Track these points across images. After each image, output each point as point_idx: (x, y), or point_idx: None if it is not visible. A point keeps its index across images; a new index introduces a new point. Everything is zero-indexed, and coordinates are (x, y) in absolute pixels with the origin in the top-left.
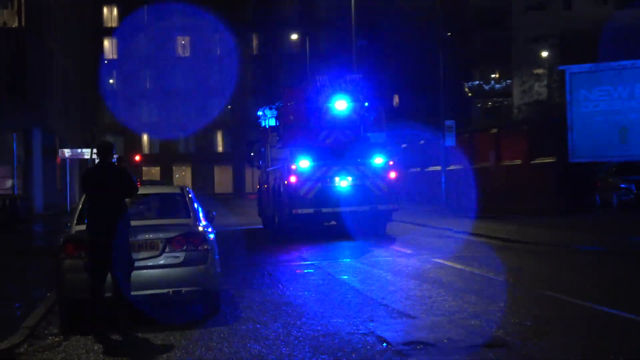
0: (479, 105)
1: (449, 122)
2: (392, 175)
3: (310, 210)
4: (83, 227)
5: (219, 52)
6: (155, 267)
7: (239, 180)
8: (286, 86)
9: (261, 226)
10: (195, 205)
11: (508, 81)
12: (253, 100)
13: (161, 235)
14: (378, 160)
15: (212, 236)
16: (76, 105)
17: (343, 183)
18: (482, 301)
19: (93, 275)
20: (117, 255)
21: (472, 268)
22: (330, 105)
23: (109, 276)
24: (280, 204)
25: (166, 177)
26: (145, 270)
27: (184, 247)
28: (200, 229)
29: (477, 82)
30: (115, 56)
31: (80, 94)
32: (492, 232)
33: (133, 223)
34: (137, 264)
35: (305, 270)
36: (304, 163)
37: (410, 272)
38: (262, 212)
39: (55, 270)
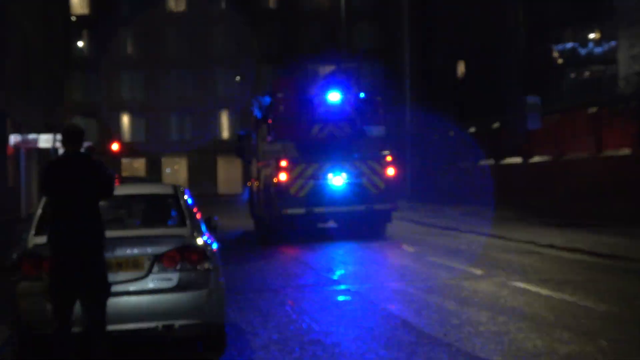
0: (573, 75)
1: (532, 99)
2: (391, 172)
3: (302, 211)
4: (44, 239)
5: (223, 6)
6: (139, 293)
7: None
8: (281, 74)
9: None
10: (193, 209)
11: (612, 43)
12: (268, 71)
13: (148, 250)
14: (375, 155)
15: (214, 250)
16: (39, 79)
17: (337, 181)
18: (577, 338)
19: (57, 303)
20: (88, 277)
21: (563, 294)
22: (323, 96)
23: (77, 305)
24: (270, 203)
25: (154, 173)
26: (126, 297)
27: (178, 266)
28: (200, 241)
29: (569, 44)
30: (86, 11)
31: (45, 64)
32: (590, 245)
33: (110, 234)
34: (115, 288)
35: (339, 298)
36: (294, 159)
37: (480, 299)
38: (253, 211)
39: (8, 297)
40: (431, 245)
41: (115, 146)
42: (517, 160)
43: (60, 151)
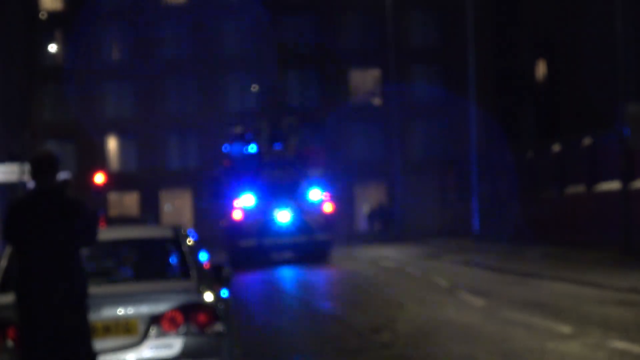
0: None
1: (636, 109)
2: (328, 208)
3: (253, 242)
4: (10, 298)
5: None
6: None
7: None
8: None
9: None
10: (199, 257)
11: None
12: (294, 77)
13: (142, 309)
14: (314, 194)
15: (226, 309)
16: None
17: (283, 217)
18: None
19: None
20: (68, 348)
21: None
22: (270, 148)
23: None
24: (229, 237)
25: (150, 211)
26: None
27: (182, 330)
28: (209, 297)
29: None
30: (59, 5)
31: (5, 75)
32: None
33: (94, 290)
34: (102, 359)
35: None
36: (247, 199)
37: None
38: (223, 245)
39: None
40: (505, 296)
41: (99, 178)
42: (616, 185)
43: (29, 185)
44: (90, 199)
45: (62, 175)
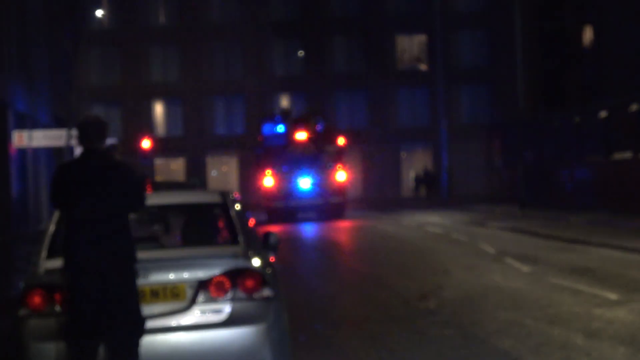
0: None
1: None
2: (341, 177)
3: (282, 204)
4: (58, 263)
5: None
6: (180, 330)
7: None
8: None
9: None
10: (247, 222)
11: None
12: (341, 42)
13: (190, 275)
14: (330, 166)
15: (274, 274)
16: (43, 59)
17: (304, 184)
18: None
19: (76, 345)
20: (116, 312)
21: None
22: (293, 131)
23: (102, 349)
24: (265, 199)
25: (196, 176)
26: (163, 336)
27: (230, 295)
28: (257, 262)
29: None
30: None
31: (51, 39)
32: None
33: (142, 255)
34: (149, 324)
35: (437, 331)
36: (277, 169)
37: (615, 331)
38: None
39: (12, 338)
40: (551, 263)
41: (146, 143)
42: None
43: (77, 151)
44: (137, 164)
45: (110, 141)
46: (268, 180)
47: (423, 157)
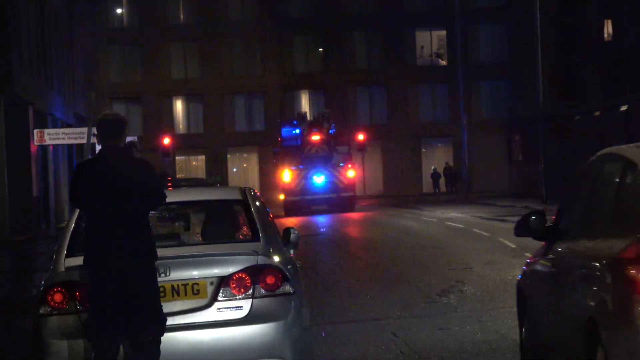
0: None
1: None
2: (351, 174)
3: (298, 198)
4: (79, 261)
5: None
6: (201, 327)
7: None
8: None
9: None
10: (268, 218)
11: None
12: (360, 37)
13: (211, 271)
14: (341, 164)
15: (295, 270)
16: (63, 56)
17: (318, 180)
18: None
19: (98, 342)
20: (138, 309)
21: None
22: (308, 133)
23: (122, 347)
24: (284, 193)
25: (217, 173)
26: (184, 333)
27: (251, 291)
28: (278, 258)
29: None
30: None
31: (73, 39)
32: None
33: (162, 252)
34: (170, 321)
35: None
36: (295, 167)
37: None
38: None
39: (33, 336)
40: None
41: (166, 140)
42: None
43: (98, 148)
44: (158, 162)
45: (128, 139)
46: (286, 176)
47: (443, 153)
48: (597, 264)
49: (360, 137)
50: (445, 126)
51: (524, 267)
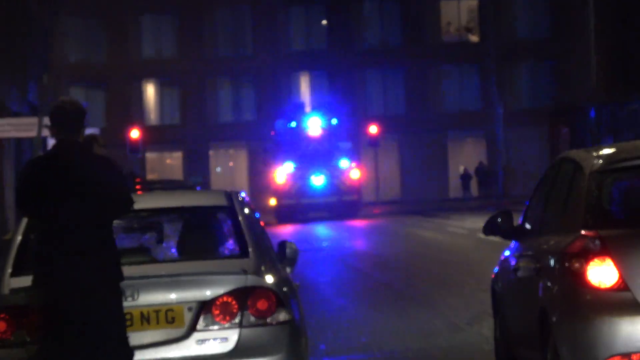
0: None
1: None
2: (355, 175)
3: (293, 202)
4: (27, 281)
5: None
6: None
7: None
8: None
9: None
10: (259, 229)
11: None
12: (373, 8)
13: (190, 294)
14: (344, 163)
15: (292, 293)
16: (16, 33)
17: (317, 181)
18: None
19: None
20: (98, 340)
21: None
22: (307, 123)
23: None
24: (275, 197)
25: (197, 173)
26: None
27: (238, 319)
28: (271, 278)
29: None
30: None
31: (26, 12)
32: None
33: (129, 271)
34: (138, 356)
35: None
36: (289, 166)
37: None
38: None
39: None
40: None
41: (134, 133)
42: None
43: (51, 143)
44: (124, 159)
45: (88, 131)
46: (279, 177)
47: (473, 149)
48: (548, 259)
49: (372, 129)
50: (476, 116)
51: (496, 268)
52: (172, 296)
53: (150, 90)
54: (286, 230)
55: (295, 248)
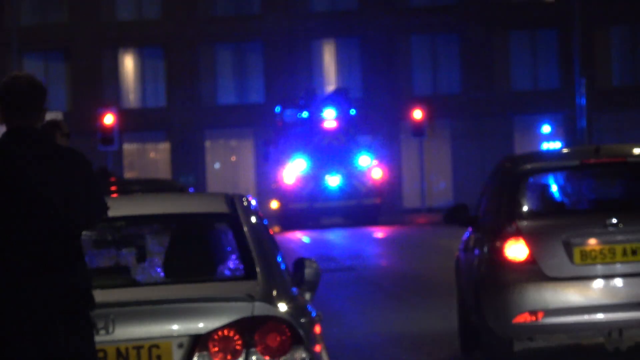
0: None
1: None
2: (377, 174)
3: (304, 205)
4: None
5: None
6: None
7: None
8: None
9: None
10: (270, 243)
11: None
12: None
13: (179, 326)
14: (364, 161)
15: (311, 325)
16: None
17: (333, 181)
18: None
19: None
20: None
21: None
22: (321, 114)
23: None
24: (281, 199)
25: (188, 172)
26: None
27: (242, 359)
28: (285, 306)
29: None
30: None
31: None
32: None
33: (103, 296)
34: None
35: None
36: (299, 163)
37: None
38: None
39: None
40: None
41: (108, 118)
42: None
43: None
44: (95, 152)
45: (51, 115)
46: (287, 176)
47: (549, 136)
48: (482, 241)
49: (417, 114)
50: (553, 97)
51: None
52: (157, 329)
53: (127, 63)
54: (293, 239)
55: (316, 267)
